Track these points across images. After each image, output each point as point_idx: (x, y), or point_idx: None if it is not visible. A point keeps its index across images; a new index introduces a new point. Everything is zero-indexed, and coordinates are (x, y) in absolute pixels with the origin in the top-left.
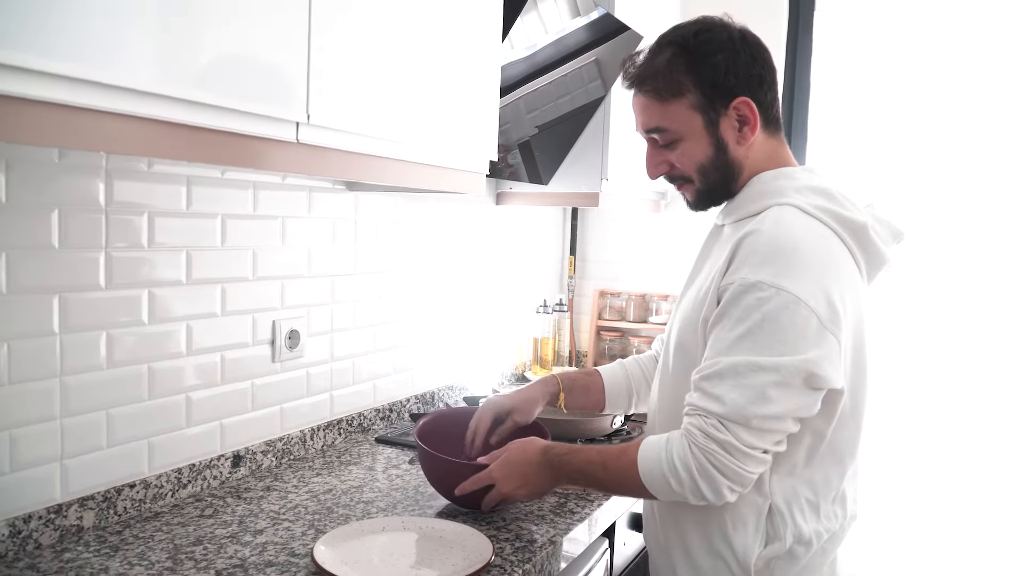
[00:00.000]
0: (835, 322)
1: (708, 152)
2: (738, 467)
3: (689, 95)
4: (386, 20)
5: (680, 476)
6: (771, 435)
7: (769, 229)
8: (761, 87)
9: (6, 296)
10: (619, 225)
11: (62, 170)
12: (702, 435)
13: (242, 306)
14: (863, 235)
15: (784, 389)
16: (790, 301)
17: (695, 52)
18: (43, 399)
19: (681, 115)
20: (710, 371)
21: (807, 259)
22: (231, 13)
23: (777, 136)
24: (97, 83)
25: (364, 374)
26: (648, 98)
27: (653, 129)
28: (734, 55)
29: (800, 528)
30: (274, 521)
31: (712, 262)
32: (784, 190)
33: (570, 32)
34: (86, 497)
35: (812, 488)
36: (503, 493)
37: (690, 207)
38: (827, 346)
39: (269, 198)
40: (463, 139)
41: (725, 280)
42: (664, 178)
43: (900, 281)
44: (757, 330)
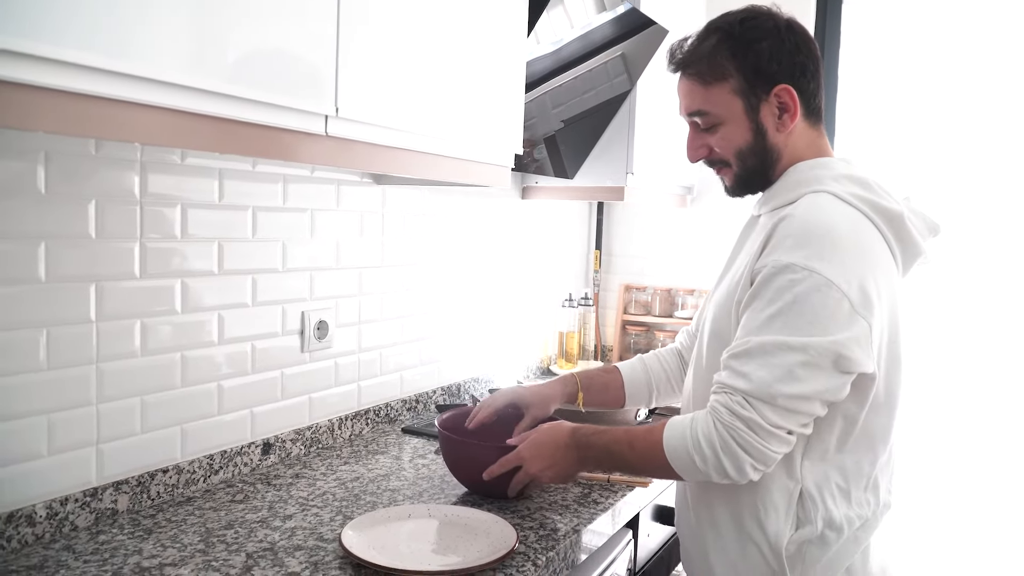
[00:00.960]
0: (867, 307)
1: (747, 137)
2: (762, 445)
3: (731, 80)
4: (413, 14)
5: (704, 453)
6: (796, 416)
7: (803, 214)
8: (804, 76)
9: (45, 284)
10: (644, 219)
11: (99, 162)
12: (727, 412)
13: (272, 297)
14: (899, 224)
15: (812, 369)
16: (822, 283)
17: (739, 38)
18: (80, 385)
19: (722, 99)
20: (739, 349)
21: (840, 244)
22: (261, 8)
23: (818, 127)
24: (131, 75)
25: (391, 365)
26: (692, 81)
27: (695, 112)
28: (779, 43)
29: (831, 512)
30: (303, 507)
31: (747, 249)
32: (821, 178)
33: (596, 27)
34: (121, 481)
35: (843, 474)
36: (530, 474)
37: (728, 192)
38: (857, 329)
39: (298, 191)
40: (488, 132)
41: (759, 263)
42: (704, 162)
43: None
44: (788, 310)
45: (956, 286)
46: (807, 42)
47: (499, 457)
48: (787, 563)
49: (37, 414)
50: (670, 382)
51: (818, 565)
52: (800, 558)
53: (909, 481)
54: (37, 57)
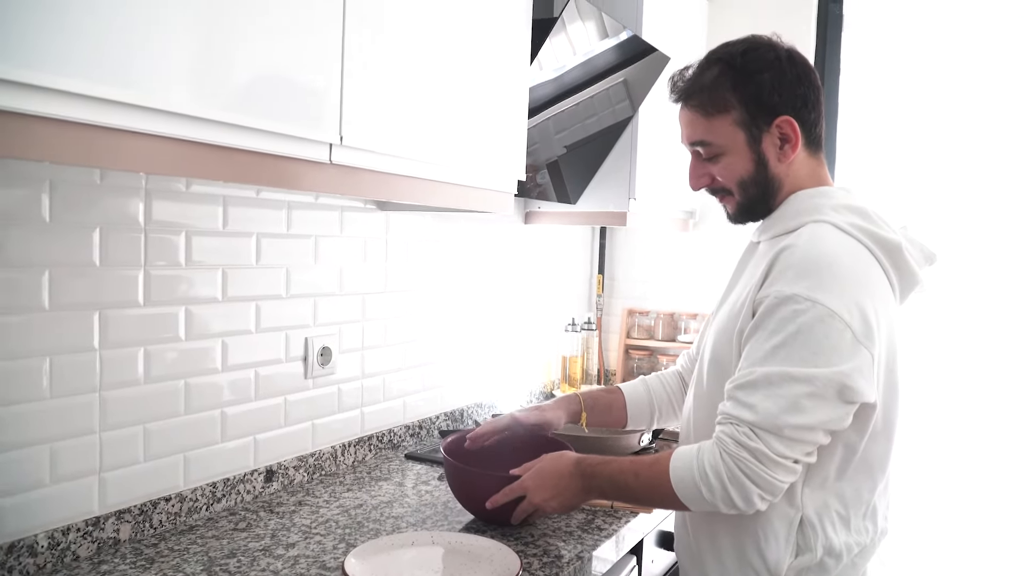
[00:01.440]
0: (869, 336)
1: (749, 167)
2: (769, 475)
3: (733, 111)
4: (417, 43)
5: (711, 484)
6: (802, 445)
7: (805, 244)
8: (805, 107)
9: (49, 312)
10: (647, 244)
11: (103, 190)
12: (733, 443)
13: (276, 323)
14: (897, 254)
15: (817, 400)
16: (825, 314)
17: (741, 70)
18: (83, 413)
19: (725, 130)
20: (744, 380)
21: (842, 274)
22: (265, 37)
23: (818, 156)
24: (135, 105)
25: (394, 391)
26: (694, 112)
27: (697, 142)
28: (780, 74)
29: (831, 540)
30: (306, 535)
31: (748, 277)
32: (821, 208)
33: (598, 53)
34: (123, 510)
35: (843, 501)
36: (535, 504)
37: (730, 220)
38: (860, 359)
39: (302, 217)
40: (492, 159)
41: (761, 293)
42: (706, 190)
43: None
44: (792, 341)
45: (950, 313)
46: (808, 73)
47: (503, 486)
48: None
49: (40, 443)
50: (672, 404)
51: None
52: None
53: (905, 506)
54: (40, 87)
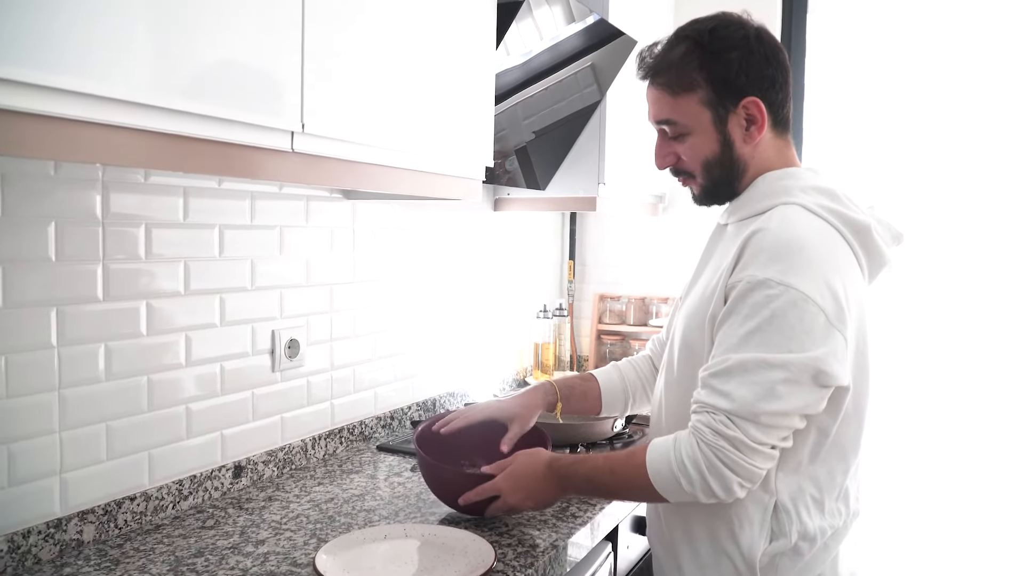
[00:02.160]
0: (841, 319)
1: (714, 148)
2: (747, 463)
3: (700, 91)
4: (379, 29)
5: (690, 474)
6: (778, 431)
7: (776, 227)
8: (773, 88)
9: (4, 310)
10: (617, 229)
11: (58, 183)
12: (711, 432)
13: (241, 316)
14: (866, 235)
15: (793, 386)
16: (798, 298)
17: (709, 48)
18: (42, 412)
19: (691, 109)
20: (719, 368)
21: (813, 257)
22: (224, 24)
23: (785, 137)
24: (91, 95)
25: (365, 382)
26: (660, 90)
27: (663, 121)
28: (748, 54)
29: (805, 525)
30: (276, 531)
31: (717, 260)
32: (790, 189)
33: (565, 38)
34: (86, 511)
35: (816, 485)
36: (510, 504)
37: (695, 201)
38: (834, 343)
39: (266, 208)
40: (459, 145)
41: (733, 278)
42: (670, 171)
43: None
44: (766, 327)
45: (918, 292)
46: (777, 53)
47: (476, 483)
48: (760, 574)
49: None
50: (644, 389)
51: (790, 574)
52: (773, 569)
53: (874, 486)
54: None
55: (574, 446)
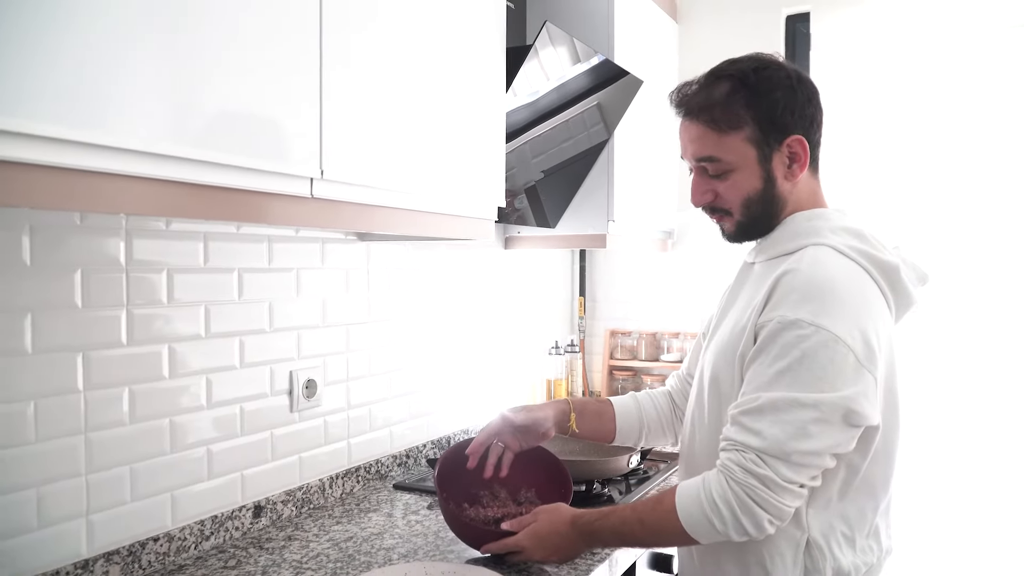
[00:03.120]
0: (871, 360)
1: (757, 185)
2: (777, 501)
3: (747, 128)
4: (394, 77)
5: (722, 514)
6: (808, 470)
7: (807, 268)
8: (812, 127)
9: (32, 356)
10: (627, 265)
11: (83, 231)
12: (740, 470)
13: (260, 358)
14: (894, 276)
15: (823, 425)
16: (829, 339)
17: (755, 88)
18: (69, 456)
19: (736, 147)
20: (749, 406)
21: (844, 298)
22: (242, 73)
23: (816, 177)
24: (112, 147)
25: (380, 421)
26: (705, 128)
27: (705, 158)
28: (791, 94)
29: (839, 561)
30: (296, 571)
31: (746, 298)
32: (820, 230)
33: (571, 78)
34: (111, 552)
35: (847, 522)
36: (534, 559)
37: (727, 239)
38: (864, 383)
39: (283, 251)
40: (472, 187)
41: (763, 317)
42: (703, 209)
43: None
44: (797, 366)
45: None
46: (815, 94)
47: (498, 536)
48: None
49: (27, 487)
50: (660, 423)
51: None
52: None
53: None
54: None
55: (590, 482)
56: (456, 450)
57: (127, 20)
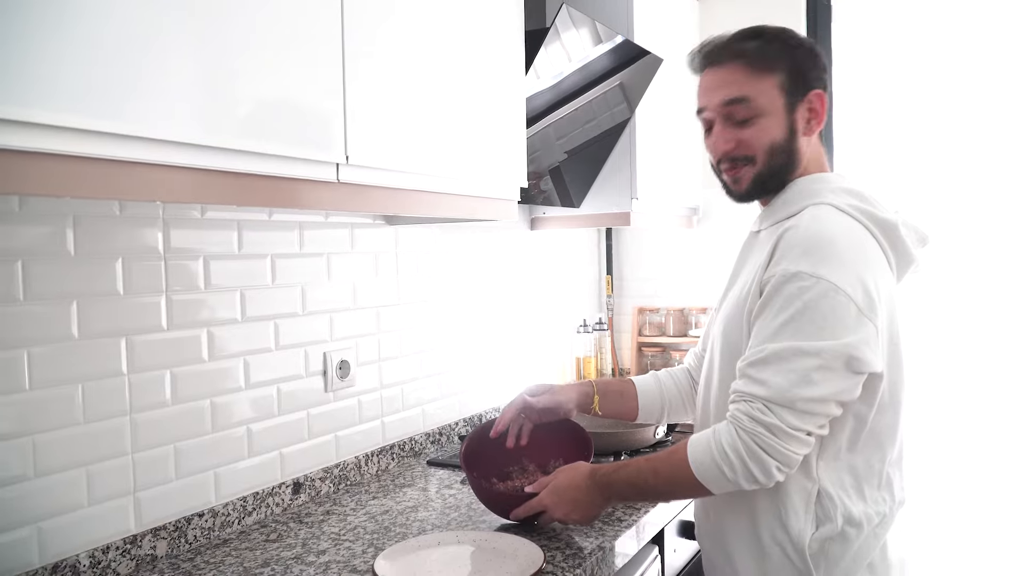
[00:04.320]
0: (872, 309)
1: (782, 134)
2: (784, 448)
3: (779, 74)
4: (415, 63)
5: (732, 462)
6: (814, 418)
7: (807, 224)
8: (826, 90)
9: (78, 341)
10: (653, 243)
11: (123, 222)
12: (748, 419)
13: (294, 340)
14: (894, 234)
15: (827, 372)
16: (829, 289)
17: (786, 41)
18: (115, 436)
19: (768, 91)
20: (755, 358)
21: (844, 250)
22: (268, 66)
23: (822, 144)
24: (148, 139)
25: (412, 400)
26: (740, 68)
27: (736, 99)
28: (813, 55)
29: (849, 510)
30: (335, 542)
31: (753, 263)
32: (820, 192)
33: (593, 59)
34: (159, 527)
35: (854, 473)
36: (556, 518)
37: (736, 197)
38: (865, 331)
39: (314, 236)
40: (494, 168)
41: (767, 274)
42: (722, 162)
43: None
44: (799, 317)
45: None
46: (828, 64)
47: (522, 500)
48: (811, 561)
49: (76, 466)
50: (682, 399)
51: (841, 562)
52: (823, 556)
53: (920, 477)
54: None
55: (617, 453)
56: (482, 430)
57: (158, 14)
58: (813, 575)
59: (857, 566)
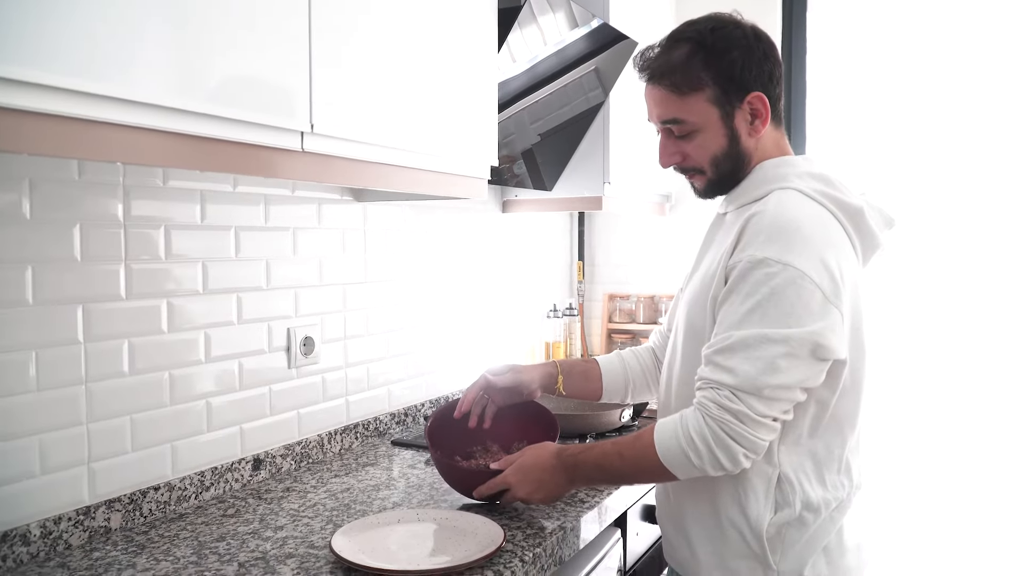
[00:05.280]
0: (837, 295)
1: (722, 143)
2: (751, 435)
3: (707, 89)
4: (384, 32)
5: (698, 448)
6: (780, 404)
7: (773, 210)
8: (771, 82)
9: (32, 307)
10: (625, 229)
11: (82, 187)
12: (715, 406)
13: (257, 315)
14: (859, 218)
15: (793, 360)
16: (796, 276)
17: (712, 48)
18: (70, 405)
19: (699, 108)
20: (721, 345)
21: (809, 237)
22: (235, 29)
23: (779, 128)
24: (113, 98)
25: (379, 379)
26: (666, 91)
27: (670, 120)
28: (748, 52)
29: (808, 495)
30: (294, 518)
31: (717, 246)
32: (786, 176)
33: (569, 43)
34: (113, 499)
35: (815, 459)
36: (519, 497)
37: (698, 195)
38: (831, 318)
39: (280, 211)
40: (464, 145)
41: (733, 259)
42: (674, 168)
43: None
44: (766, 303)
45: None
46: (772, 49)
47: (487, 478)
48: (767, 545)
49: (29, 435)
50: (645, 378)
51: (797, 545)
52: (780, 540)
53: (876, 461)
54: (21, 82)
55: (583, 436)
56: (447, 409)
57: None
58: (769, 558)
59: (812, 549)
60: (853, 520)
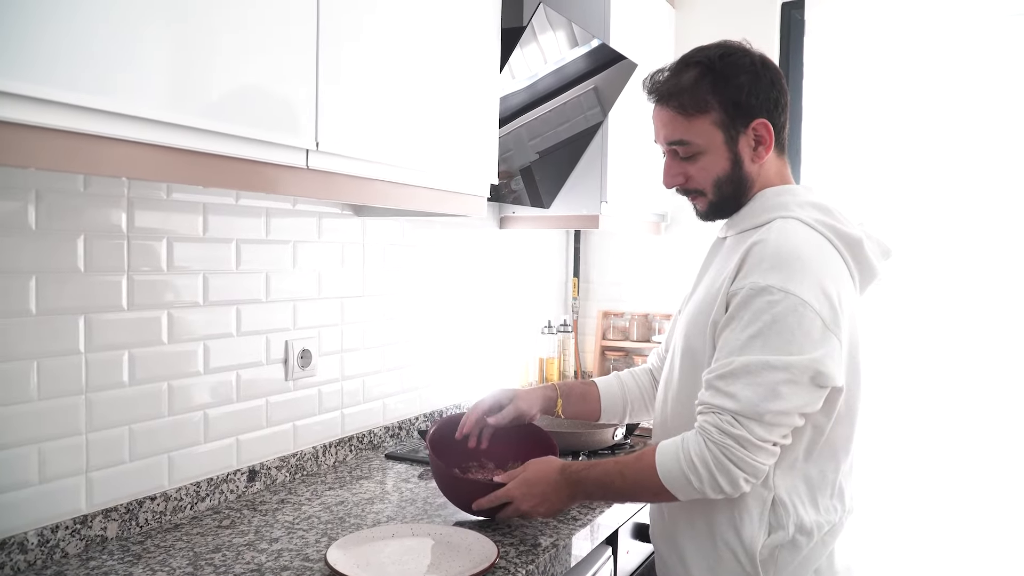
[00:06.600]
0: (836, 323)
1: (725, 167)
2: (752, 459)
3: (713, 112)
4: (390, 53)
5: (699, 472)
6: (780, 429)
7: (776, 238)
8: (776, 109)
9: (35, 317)
10: (621, 247)
11: (87, 199)
12: (717, 431)
13: (256, 327)
14: (858, 249)
15: (793, 386)
16: (797, 304)
17: (720, 73)
18: (69, 415)
19: (704, 130)
20: (724, 370)
21: (810, 266)
22: (242, 46)
23: (783, 157)
24: (117, 113)
25: (374, 393)
26: (674, 112)
27: (675, 142)
28: (755, 78)
29: (802, 518)
30: (289, 531)
31: (717, 270)
32: (788, 204)
33: (569, 62)
34: (110, 509)
35: (809, 483)
36: (522, 511)
37: (700, 217)
38: (830, 346)
39: (281, 224)
40: (465, 164)
41: (735, 286)
42: (677, 190)
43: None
44: (767, 331)
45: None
46: (779, 78)
47: (489, 490)
48: (761, 567)
49: (28, 443)
50: (643, 399)
51: (790, 568)
52: (773, 562)
53: (869, 486)
54: (21, 96)
55: (576, 454)
56: (448, 422)
57: None
58: None
59: (804, 572)
60: (844, 543)
